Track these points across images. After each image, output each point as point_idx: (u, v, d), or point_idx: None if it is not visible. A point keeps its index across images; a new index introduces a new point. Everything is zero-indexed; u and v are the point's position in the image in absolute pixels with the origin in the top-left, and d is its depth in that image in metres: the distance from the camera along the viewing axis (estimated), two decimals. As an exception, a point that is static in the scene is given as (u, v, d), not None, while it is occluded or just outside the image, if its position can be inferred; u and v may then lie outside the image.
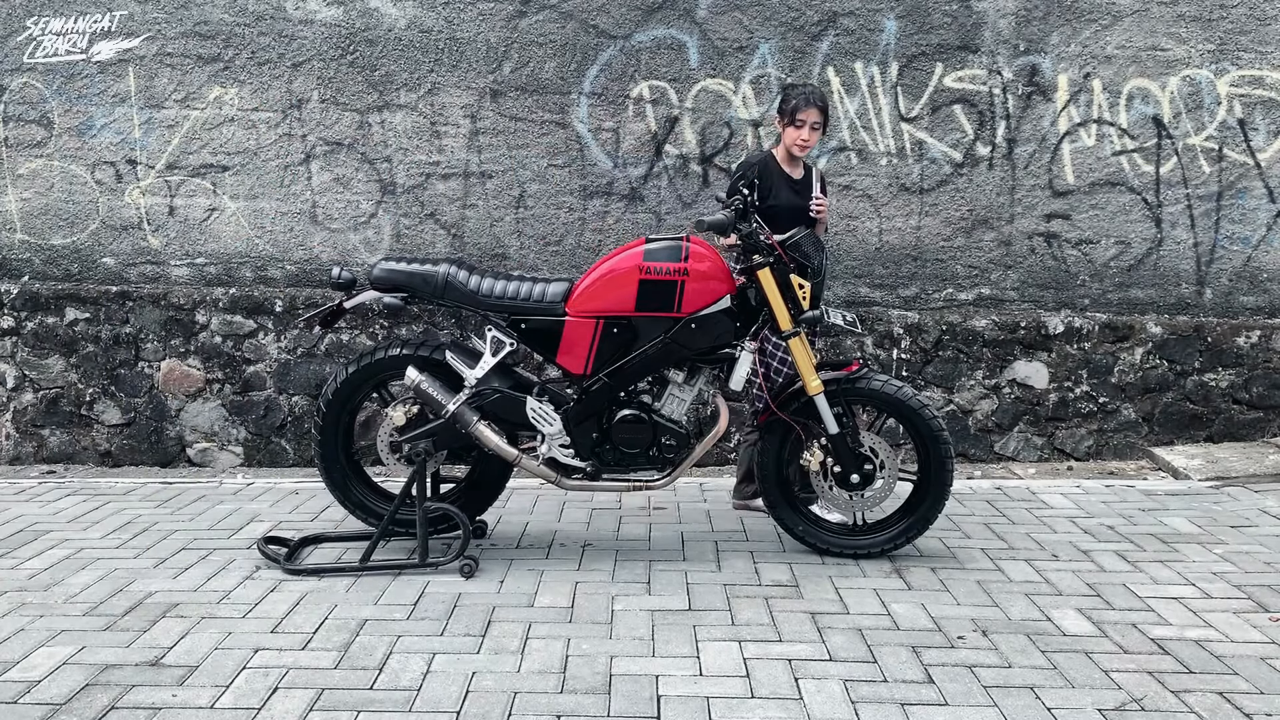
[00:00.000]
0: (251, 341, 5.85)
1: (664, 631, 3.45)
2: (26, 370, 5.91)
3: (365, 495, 4.30)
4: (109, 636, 3.42)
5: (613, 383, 3.99)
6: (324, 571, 3.99)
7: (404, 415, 4.07)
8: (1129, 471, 5.61)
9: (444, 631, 3.46)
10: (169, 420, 5.89)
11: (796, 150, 4.44)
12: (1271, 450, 5.60)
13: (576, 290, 3.98)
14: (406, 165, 5.82)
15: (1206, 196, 5.75)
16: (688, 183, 5.79)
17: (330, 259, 5.90)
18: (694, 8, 5.65)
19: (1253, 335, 5.76)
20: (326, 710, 2.94)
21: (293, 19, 5.73)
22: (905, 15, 5.63)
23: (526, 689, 3.06)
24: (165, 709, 2.95)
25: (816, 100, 4.40)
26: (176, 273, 5.96)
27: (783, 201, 4.44)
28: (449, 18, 5.70)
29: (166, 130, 5.85)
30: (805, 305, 3.93)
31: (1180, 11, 5.61)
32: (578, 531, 4.52)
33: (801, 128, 4.38)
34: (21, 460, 5.94)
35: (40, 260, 6.01)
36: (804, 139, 4.40)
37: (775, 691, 3.04)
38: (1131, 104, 5.69)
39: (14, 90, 5.86)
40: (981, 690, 3.05)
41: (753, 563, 4.10)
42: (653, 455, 4.04)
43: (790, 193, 4.47)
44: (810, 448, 4.07)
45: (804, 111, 4.37)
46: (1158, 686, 3.07)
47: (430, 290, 4.03)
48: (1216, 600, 3.72)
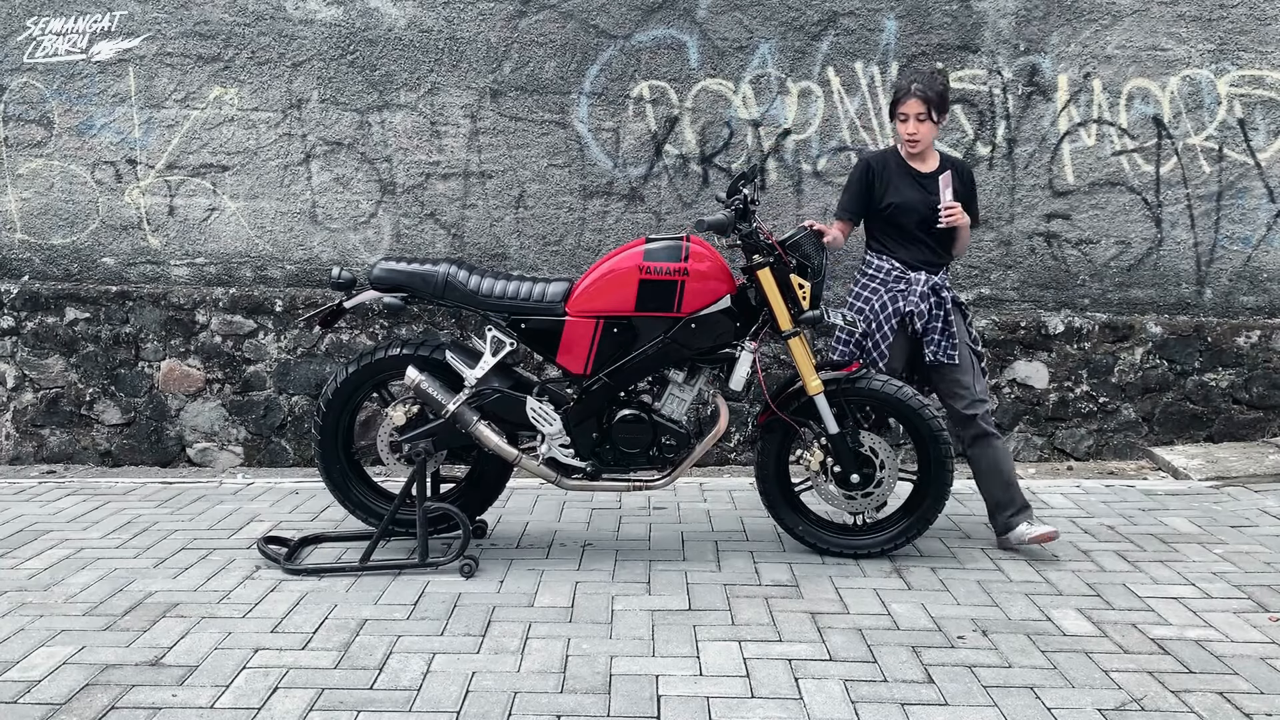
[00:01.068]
0: (251, 341, 5.85)
1: (664, 631, 3.45)
2: (26, 370, 5.91)
3: (365, 495, 4.30)
4: (109, 636, 3.42)
5: (613, 382, 3.99)
6: (324, 571, 3.99)
7: (404, 415, 4.07)
8: (1129, 471, 5.61)
9: (444, 631, 3.46)
10: (169, 420, 5.89)
11: (907, 147, 4.15)
12: (1271, 450, 5.60)
13: (576, 290, 3.98)
14: (406, 165, 5.82)
15: (1206, 196, 5.75)
16: (688, 183, 5.79)
17: (330, 259, 5.90)
18: (694, 8, 5.65)
19: (1253, 335, 5.76)
20: (326, 710, 2.94)
21: (293, 19, 5.73)
22: (905, 15, 5.63)
23: (526, 689, 3.06)
24: (165, 709, 2.95)
25: (918, 89, 4.05)
26: (176, 273, 5.96)
27: (904, 199, 4.15)
28: (449, 18, 5.70)
29: (166, 130, 5.85)
30: (805, 305, 3.93)
31: (1180, 11, 5.61)
32: (578, 531, 4.52)
33: (905, 121, 4.10)
34: (21, 460, 5.94)
35: (40, 260, 6.01)
36: (909, 133, 4.10)
37: (775, 691, 3.04)
38: (1131, 104, 5.69)
39: (14, 90, 5.86)
40: (981, 690, 3.05)
41: (753, 563, 4.10)
42: (653, 455, 4.04)
43: (915, 189, 4.16)
44: (810, 447, 4.07)
45: (904, 103, 4.09)
46: (1158, 686, 3.07)
47: (430, 290, 4.03)
48: (1216, 600, 3.72)
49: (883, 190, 4.19)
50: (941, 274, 4.24)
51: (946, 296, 4.18)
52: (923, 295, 4.14)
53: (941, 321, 4.14)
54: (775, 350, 5.59)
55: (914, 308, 4.13)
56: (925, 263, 4.21)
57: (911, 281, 4.17)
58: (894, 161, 4.22)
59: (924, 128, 4.09)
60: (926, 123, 4.08)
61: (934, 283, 4.17)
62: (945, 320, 4.14)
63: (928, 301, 4.14)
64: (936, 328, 4.14)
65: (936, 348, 4.14)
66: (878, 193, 4.20)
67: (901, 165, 4.21)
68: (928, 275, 4.18)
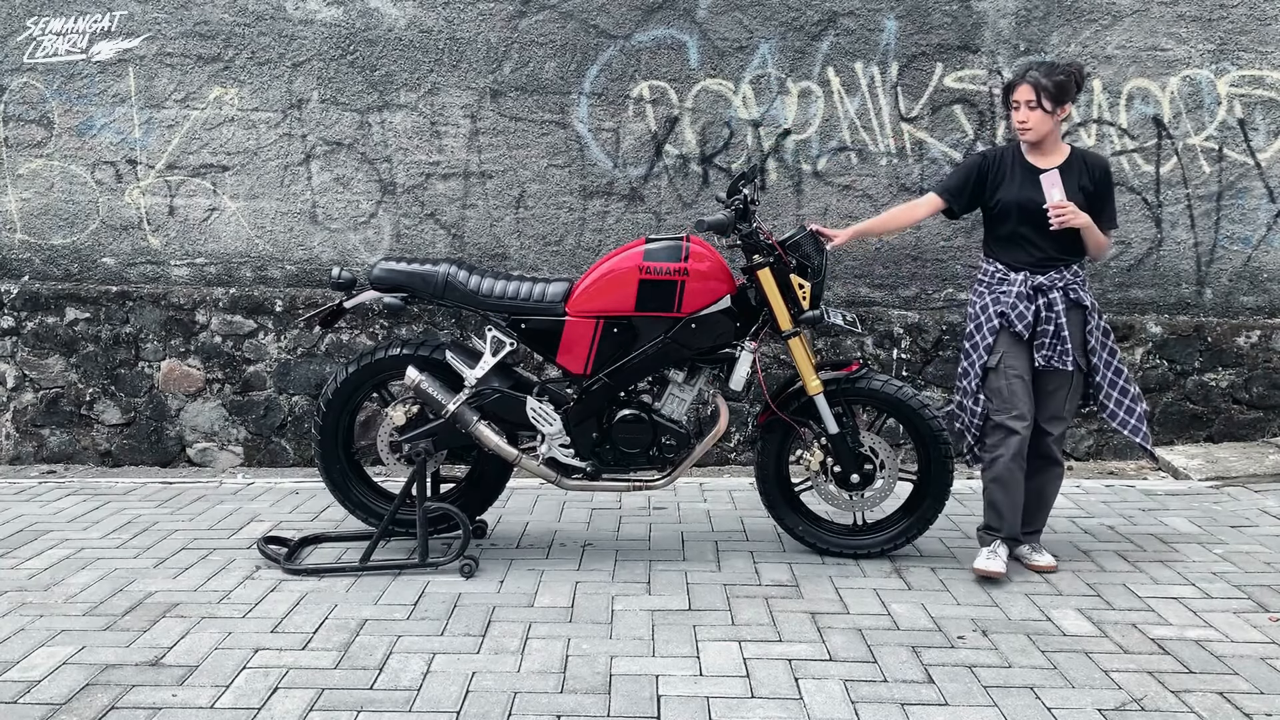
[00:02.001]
0: (251, 341, 5.85)
1: (664, 631, 3.45)
2: (26, 370, 5.91)
3: (365, 495, 4.30)
4: (109, 636, 3.42)
5: (613, 382, 3.99)
6: (324, 571, 3.99)
7: (404, 415, 4.07)
8: (1129, 471, 5.61)
9: (444, 631, 3.46)
10: (169, 420, 5.89)
11: (1020, 135, 3.89)
12: (1271, 450, 5.60)
13: (576, 290, 3.98)
14: (406, 165, 5.82)
15: (1206, 196, 5.75)
16: (688, 183, 5.79)
17: (330, 259, 5.90)
18: (694, 8, 5.65)
19: (1253, 335, 5.76)
20: (326, 710, 2.94)
21: (293, 19, 5.73)
22: (905, 15, 5.63)
23: (526, 689, 3.06)
24: (165, 709, 2.95)
25: (1029, 75, 3.82)
26: (176, 273, 5.96)
27: (1011, 196, 3.89)
28: (449, 18, 5.70)
29: (166, 130, 5.86)
30: (805, 305, 3.92)
31: (1180, 11, 5.61)
32: (578, 531, 4.52)
33: (1017, 109, 3.85)
34: (21, 460, 5.94)
35: (40, 260, 6.01)
36: (1020, 120, 3.84)
37: (775, 691, 3.04)
38: (1131, 104, 5.69)
39: (14, 90, 5.86)
40: (981, 690, 3.05)
41: (753, 563, 4.10)
42: (653, 455, 4.04)
43: (1025, 185, 3.88)
44: (810, 447, 4.07)
45: (1016, 90, 3.84)
46: (1158, 686, 3.07)
47: (430, 290, 4.03)
48: (1216, 600, 3.72)
49: (995, 187, 3.94)
50: (1053, 274, 3.88)
51: (1057, 298, 3.86)
52: (1020, 295, 3.88)
53: (1053, 325, 3.85)
54: (775, 350, 5.59)
55: (1008, 309, 3.89)
56: (1032, 264, 3.91)
57: (1011, 282, 3.91)
58: (1012, 157, 3.95)
59: (1035, 115, 3.80)
60: (1038, 110, 3.79)
61: (1038, 283, 3.87)
62: (1056, 325, 3.85)
63: (1029, 302, 3.87)
64: (1048, 330, 3.86)
65: (1050, 352, 3.87)
66: (989, 189, 3.95)
67: (1020, 161, 3.93)
68: (1030, 274, 3.88)
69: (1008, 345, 3.92)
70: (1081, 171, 3.88)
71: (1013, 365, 3.92)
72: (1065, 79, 3.81)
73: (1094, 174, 3.91)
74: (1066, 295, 3.89)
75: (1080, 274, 3.95)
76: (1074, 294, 3.90)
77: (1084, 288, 3.94)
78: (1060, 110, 3.84)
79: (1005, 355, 3.92)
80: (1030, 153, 3.92)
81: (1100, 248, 3.95)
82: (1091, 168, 3.92)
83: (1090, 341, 3.94)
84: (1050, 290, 3.87)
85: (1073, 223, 3.79)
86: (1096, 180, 3.91)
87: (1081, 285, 3.93)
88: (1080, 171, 3.88)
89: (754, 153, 5.74)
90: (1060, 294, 3.87)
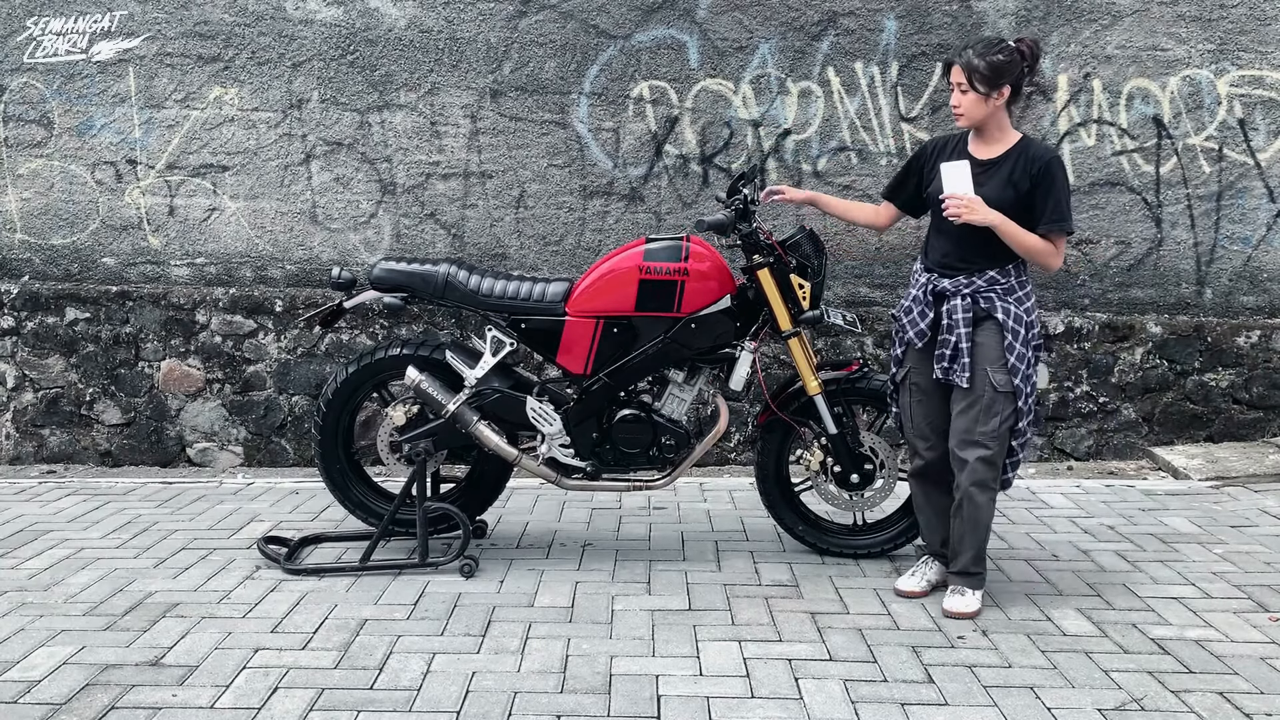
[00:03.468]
0: (251, 341, 5.85)
1: (664, 631, 3.45)
2: (26, 370, 5.91)
3: (365, 495, 4.30)
4: (109, 636, 3.42)
5: (613, 382, 3.99)
6: (324, 571, 3.99)
7: (404, 415, 4.07)
8: (1129, 471, 5.61)
9: (444, 631, 3.46)
10: (169, 420, 5.89)
11: (956, 121, 3.54)
12: (1271, 450, 5.59)
13: (576, 290, 3.98)
14: (406, 165, 5.82)
15: (1206, 196, 5.75)
16: (688, 183, 5.79)
17: (330, 259, 5.90)
18: (694, 8, 5.65)
19: (1253, 335, 5.76)
20: (326, 710, 2.94)
21: (293, 19, 5.73)
22: (905, 15, 5.63)
23: (526, 689, 3.06)
24: (165, 709, 2.95)
25: (962, 55, 3.45)
26: (176, 273, 5.96)
27: (932, 188, 3.60)
28: (449, 18, 5.70)
29: (166, 130, 5.86)
30: (805, 305, 3.92)
31: (1180, 11, 5.61)
32: (578, 531, 4.52)
33: (953, 92, 3.51)
34: (21, 460, 5.94)
35: (40, 260, 6.01)
36: (953, 105, 3.50)
37: (775, 691, 3.04)
38: (1131, 104, 5.69)
39: (14, 90, 5.86)
40: (981, 690, 3.05)
41: (753, 563, 4.10)
42: (653, 455, 4.04)
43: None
44: (810, 447, 4.07)
45: (950, 71, 3.48)
46: (1158, 686, 3.07)
47: (430, 290, 4.03)
48: (1216, 600, 3.72)
49: (930, 178, 3.63)
50: (960, 279, 3.53)
51: (957, 305, 3.50)
52: (916, 299, 3.62)
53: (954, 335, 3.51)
54: (775, 350, 5.59)
55: (902, 313, 3.69)
56: (940, 266, 3.59)
57: (916, 285, 3.66)
58: (954, 146, 3.63)
59: (966, 100, 3.43)
60: (970, 94, 3.42)
61: (941, 288, 3.55)
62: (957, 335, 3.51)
63: (927, 307, 3.59)
64: (948, 341, 3.53)
65: (948, 364, 3.55)
66: (926, 180, 3.66)
67: (963, 151, 3.59)
68: (933, 278, 3.59)
69: (915, 359, 3.68)
70: (1018, 164, 3.47)
71: (917, 381, 3.69)
72: (1004, 59, 3.40)
73: (1032, 167, 3.46)
74: (975, 303, 3.51)
75: (1002, 282, 3.51)
76: (984, 303, 3.50)
77: (1005, 298, 3.51)
78: (998, 94, 3.43)
79: (912, 370, 3.71)
80: (973, 141, 3.57)
81: (1034, 253, 3.47)
82: (1032, 160, 3.47)
83: (1009, 359, 3.49)
84: (954, 296, 3.52)
85: (969, 218, 3.39)
86: (1035, 174, 3.45)
87: (1001, 295, 3.50)
88: (1016, 164, 3.47)
89: (754, 153, 5.75)
90: (963, 301, 3.51)
